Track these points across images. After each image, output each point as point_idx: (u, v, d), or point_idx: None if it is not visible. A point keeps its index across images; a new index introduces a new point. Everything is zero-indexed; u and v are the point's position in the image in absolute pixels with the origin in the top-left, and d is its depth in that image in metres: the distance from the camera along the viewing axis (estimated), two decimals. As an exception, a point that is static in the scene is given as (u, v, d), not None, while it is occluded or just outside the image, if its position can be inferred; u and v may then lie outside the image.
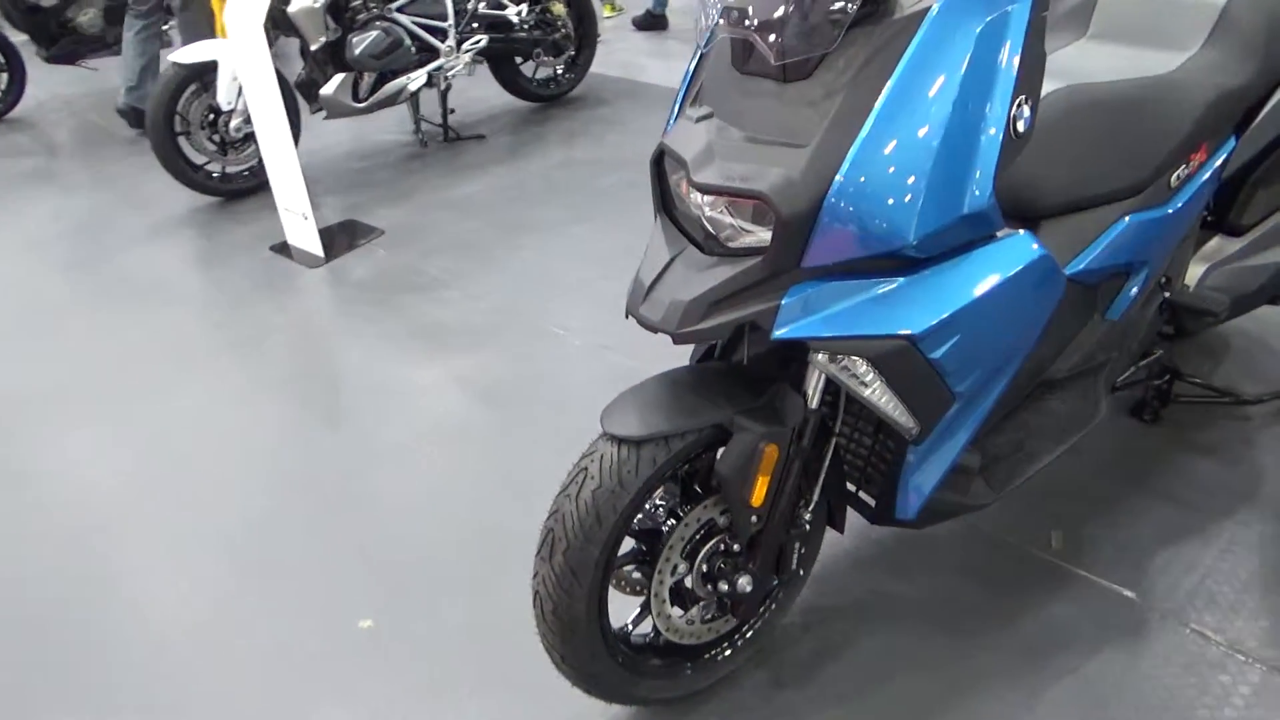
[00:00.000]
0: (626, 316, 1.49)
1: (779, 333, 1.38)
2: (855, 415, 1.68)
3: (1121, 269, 1.80)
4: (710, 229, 1.41)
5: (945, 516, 1.66)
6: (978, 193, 1.32)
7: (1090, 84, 1.76)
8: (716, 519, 1.59)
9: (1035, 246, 1.44)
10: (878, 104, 1.28)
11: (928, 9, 1.28)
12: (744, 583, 1.59)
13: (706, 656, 1.73)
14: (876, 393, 1.43)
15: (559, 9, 4.90)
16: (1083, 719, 1.66)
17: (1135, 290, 1.85)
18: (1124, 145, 1.74)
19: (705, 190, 1.37)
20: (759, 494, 1.52)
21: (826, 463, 1.63)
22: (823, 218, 1.31)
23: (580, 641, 1.52)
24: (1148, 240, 1.80)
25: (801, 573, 1.76)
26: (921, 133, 1.27)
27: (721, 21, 1.36)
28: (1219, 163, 1.90)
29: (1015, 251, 1.43)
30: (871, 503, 1.72)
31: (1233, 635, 1.78)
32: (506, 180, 4.27)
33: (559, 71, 5.13)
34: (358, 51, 4.13)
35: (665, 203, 1.53)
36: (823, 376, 1.49)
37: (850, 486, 1.73)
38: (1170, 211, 1.82)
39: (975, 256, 1.40)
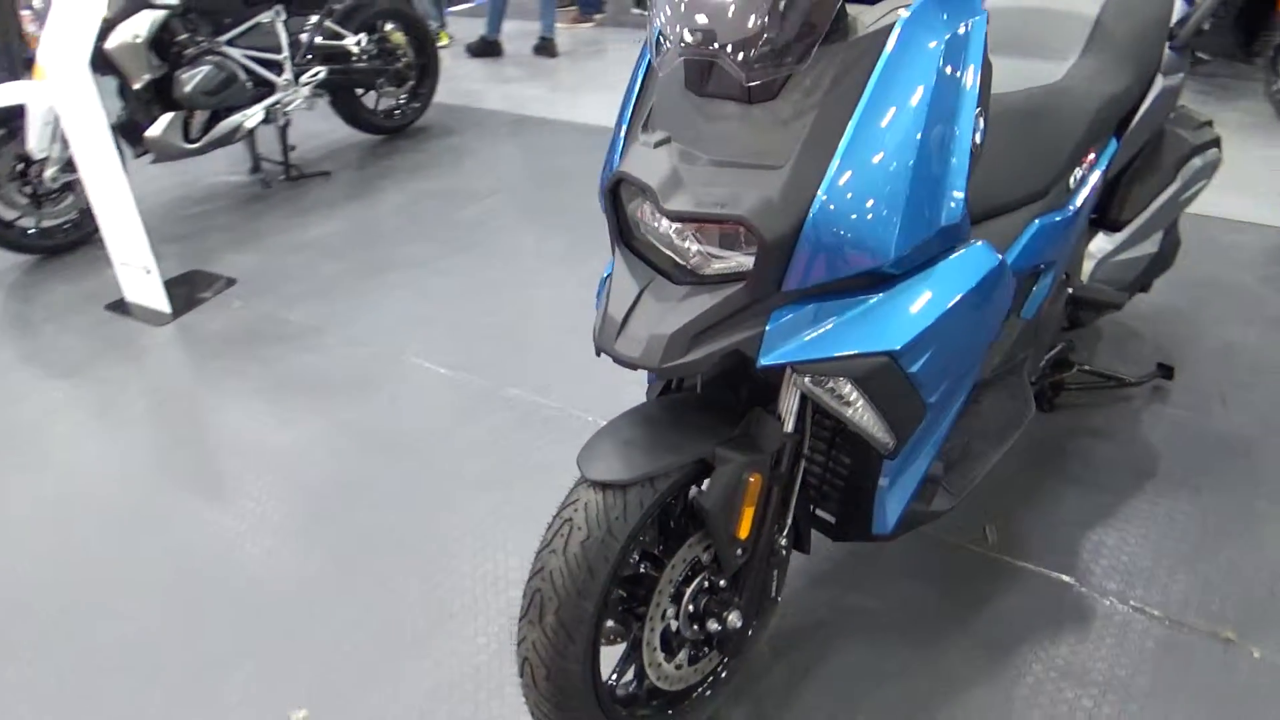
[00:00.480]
0: (598, 354, 1.41)
1: (765, 360, 1.35)
2: (815, 435, 1.67)
3: (1034, 269, 1.87)
4: (678, 258, 1.37)
5: (914, 526, 1.68)
6: (953, 206, 1.33)
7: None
8: (700, 556, 1.54)
9: (993, 253, 1.47)
10: (852, 122, 1.27)
11: (890, 26, 1.28)
12: (734, 619, 1.54)
13: (692, 698, 1.67)
14: (858, 411, 1.42)
15: (398, 37, 4.73)
16: (1057, 708, 1.70)
17: (1046, 288, 1.93)
18: (1028, 152, 1.82)
19: (677, 218, 1.32)
20: (745, 526, 1.48)
21: (797, 485, 1.60)
22: (804, 240, 1.29)
23: (577, 704, 1.43)
24: (1055, 240, 1.89)
25: (779, 599, 1.73)
26: (897, 150, 1.27)
27: (685, 43, 1.31)
28: (1105, 164, 2.02)
29: (977, 260, 1.45)
30: (831, 519, 1.71)
31: (1171, 609, 1.88)
32: (362, 218, 4.06)
33: (402, 101, 4.95)
34: (188, 88, 3.83)
35: (623, 233, 1.46)
36: (798, 398, 1.47)
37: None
38: (1071, 212, 1.91)
39: (943, 268, 1.41)
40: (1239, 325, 2.77)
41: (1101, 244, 2.26)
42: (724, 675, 1.70)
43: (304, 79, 4.31)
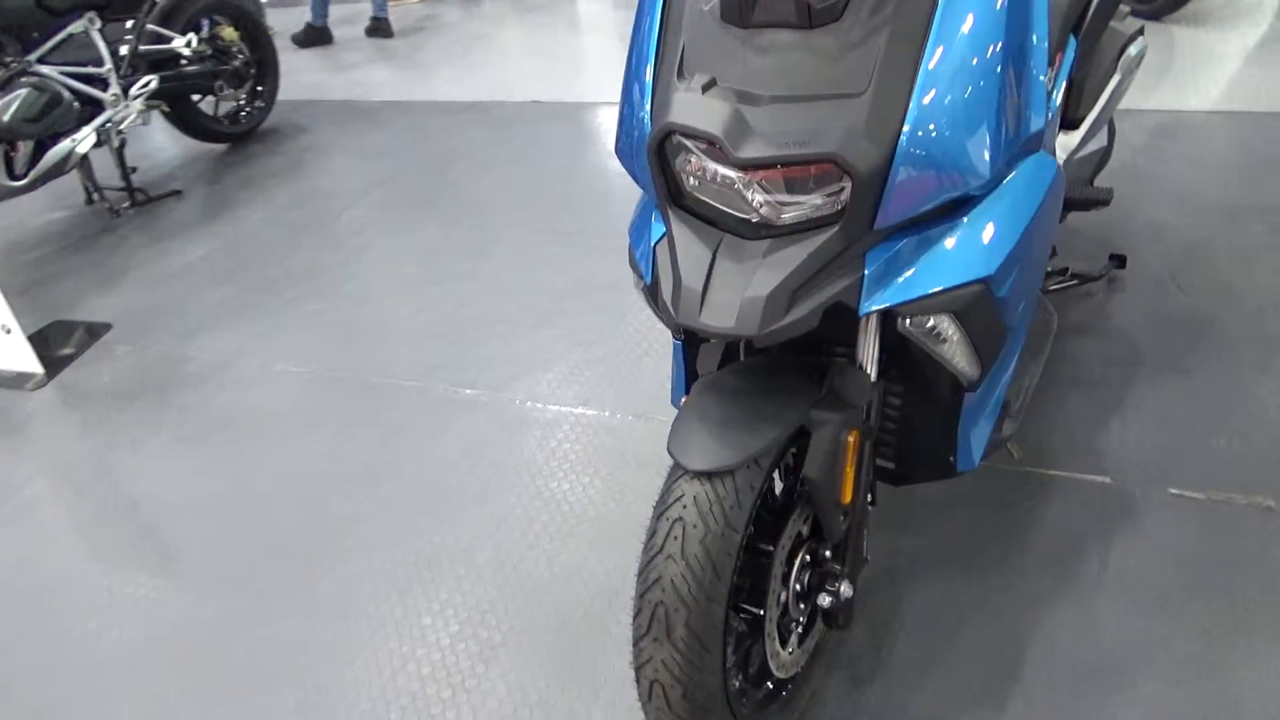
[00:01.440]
0: (677, 334, 1.27)
1: (868, 307, 1.24)
2: (889, 378, 1.57)
3: None
4: (739, 212, 1.23)
5: (989, 456, 1.61)
6: (1039, 111, 1.25)
7: None
8: (801, 529, 1.42)
9: (1053, 160, 1.41)
10: (930, 35, 1.16)
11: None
12: (845, 589, 1.44)
13: (797, 680, 1.56)
14: (951, 347, 1.33)
15: (230, 33, 4.31)
16: (1143, 615, 1.69)
17: None
18: None
19: (752, 166, 1.19)
20: (848, 488, 1.38)
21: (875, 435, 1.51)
22: (896, 170, 1.18)
23: (715, 716, 1.30)
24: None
25: (869, 558, 1.64)
26: (981, 59, 1.18)
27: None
28: (1070, 64, 2.00)
29: (1043, 169, 1.38)
30: (890, 465, 1.64)
31: (1208, 488, 1.91)
32: (233, 234, 3.69)
33: (244, 103, 4.53)
34: (6, 117, 3.35)
35: (673, 193, 1.31)
36: (877, 343, 1.37)
37: None
38: (1053, 114, 1.88)
39: (1016, 181, 1.33)
40: (1160, 208, 2.86)
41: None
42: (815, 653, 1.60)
43: (134, 91, 3.86)
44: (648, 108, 1.32)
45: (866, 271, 1.23)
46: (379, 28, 5.86)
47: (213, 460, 2.44)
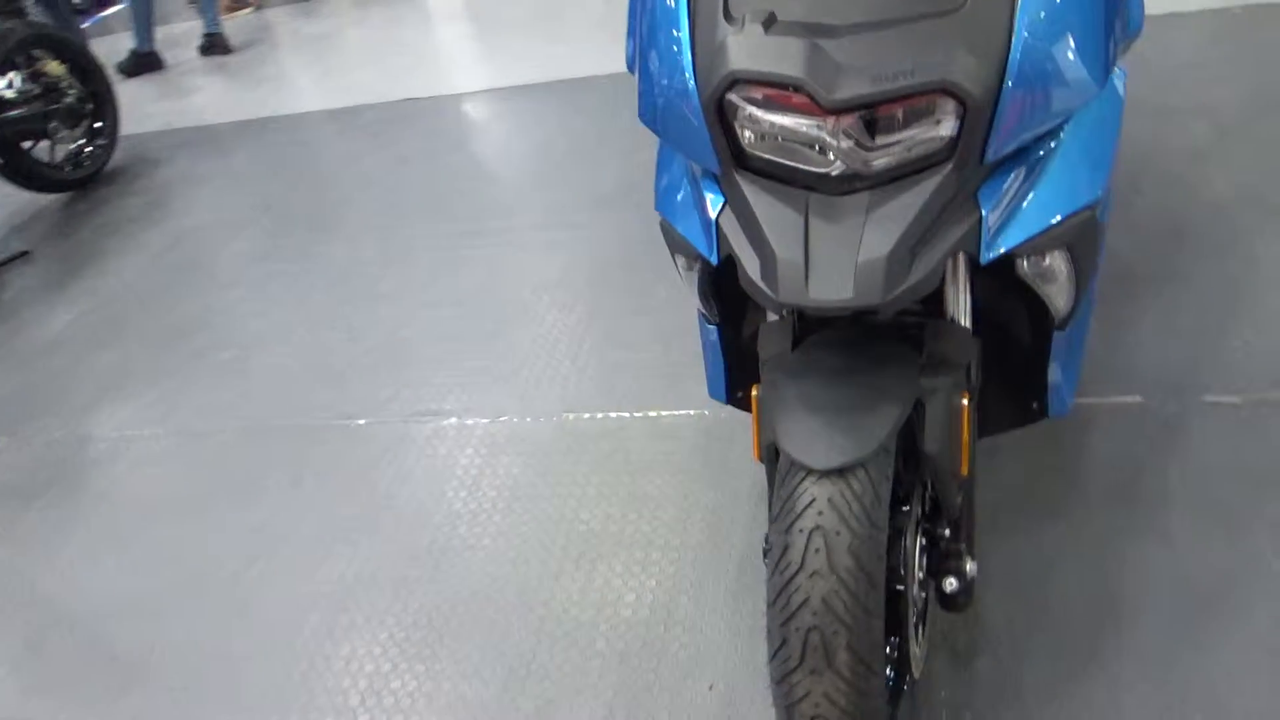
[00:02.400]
0: (780, 309, 1.08)
1: (991, 253, 1.09)
2: None
3: None
4: (817, 167, 1.07)
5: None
6: (1135, 11, 1.12)
7: None
8: (918, 511, 1.27)
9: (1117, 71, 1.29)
10: (1025, -70, 1.01)
11: None
12: (971, 569, 1.30)
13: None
14: (1060, 284, 1.20)
15: (56, 67, 3.82)
16: (1218, 535, 1.62)
17: None
18: None
19: (851, 107, 1.01)
20: (966, 458, 1.23)
21: None
22: (1009, 92, 1.03)
23: (883, 746, 1.14)
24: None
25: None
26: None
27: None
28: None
29: (1115, 82, 1.26)
30: None
31: (1242, 390, 1.86)
32: (106, 288, 3.27)
33: (83, 143, 4.03)
34: None
35: (736, 153, 1.12)
36: (969, 293, 1.23)
37: None
38: None
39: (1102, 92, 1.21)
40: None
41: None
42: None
43: (-48, 146, 3.36)
44: (688, 58, 1.12)
45: (984, 213, 1.08)
46: (214, 44, 5.38)
47: (142, 550, 2.11)
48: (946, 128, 1.04)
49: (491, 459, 2.13)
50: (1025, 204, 1.11)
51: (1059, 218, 1.12)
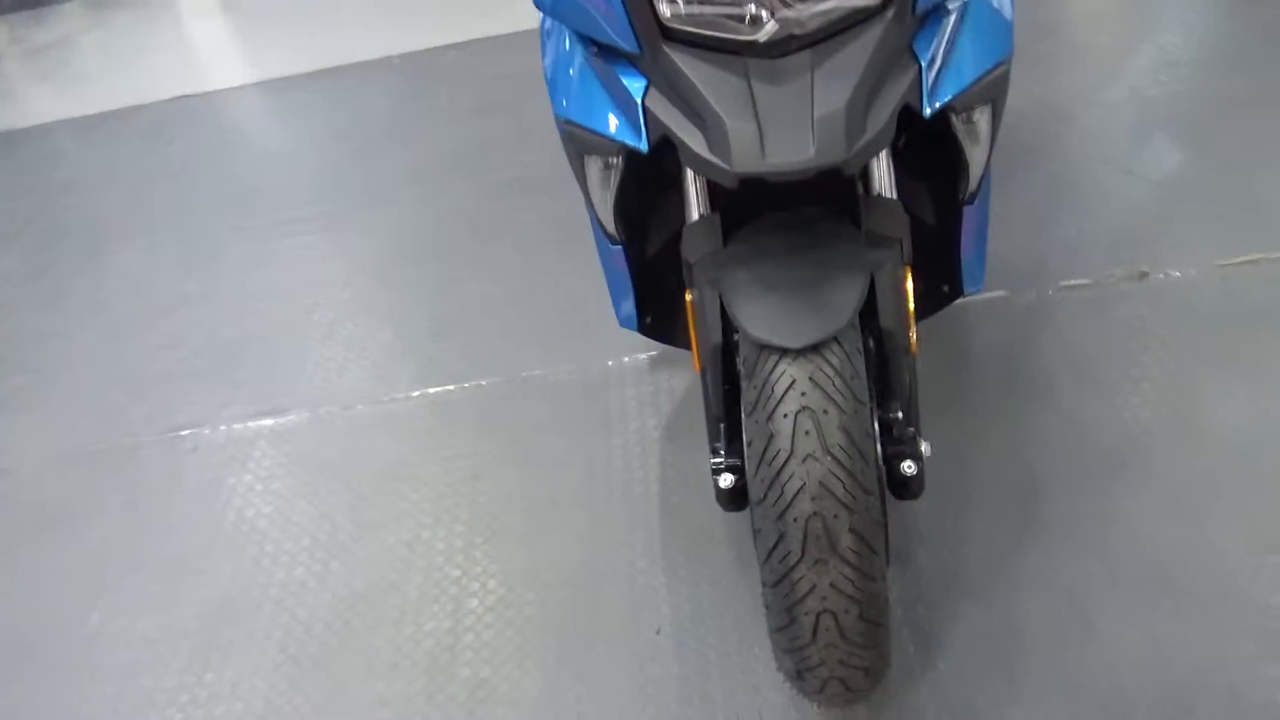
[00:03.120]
0: (736, 181, 1.01)
1: (933, 105, 1.06)
2: None
3: None
4: (742, 34, 1.01)
5: None
6: None
7: None
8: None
9: None
10: None
11: None
12: (925, 449, 1.27)
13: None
14: (982, 144, 1.20)
15: None
16: (1087, 394, 1.70)
17: None
18: None
19: None
20: (914, 332, 1.21)
21: None
22: (935, -68, 1.00)
23: (885, 632, 1.08)
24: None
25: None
26: None
27: None
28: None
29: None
30: None
31: (1088, 269, 1.97)
32: None
33: None
34: None
35: (661, 26, 1.04)
36: (891, 166, 1.20)
37: None
38: None
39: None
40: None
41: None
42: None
43: None
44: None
45: (923, 64, 1.05)
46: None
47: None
48: None
49: (360, 446, 1.93)
50: (955, 58, 1.10)
51: (987, 69, 1.11)
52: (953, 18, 1.10)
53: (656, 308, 1.51)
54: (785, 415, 1.01)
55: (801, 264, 1.09)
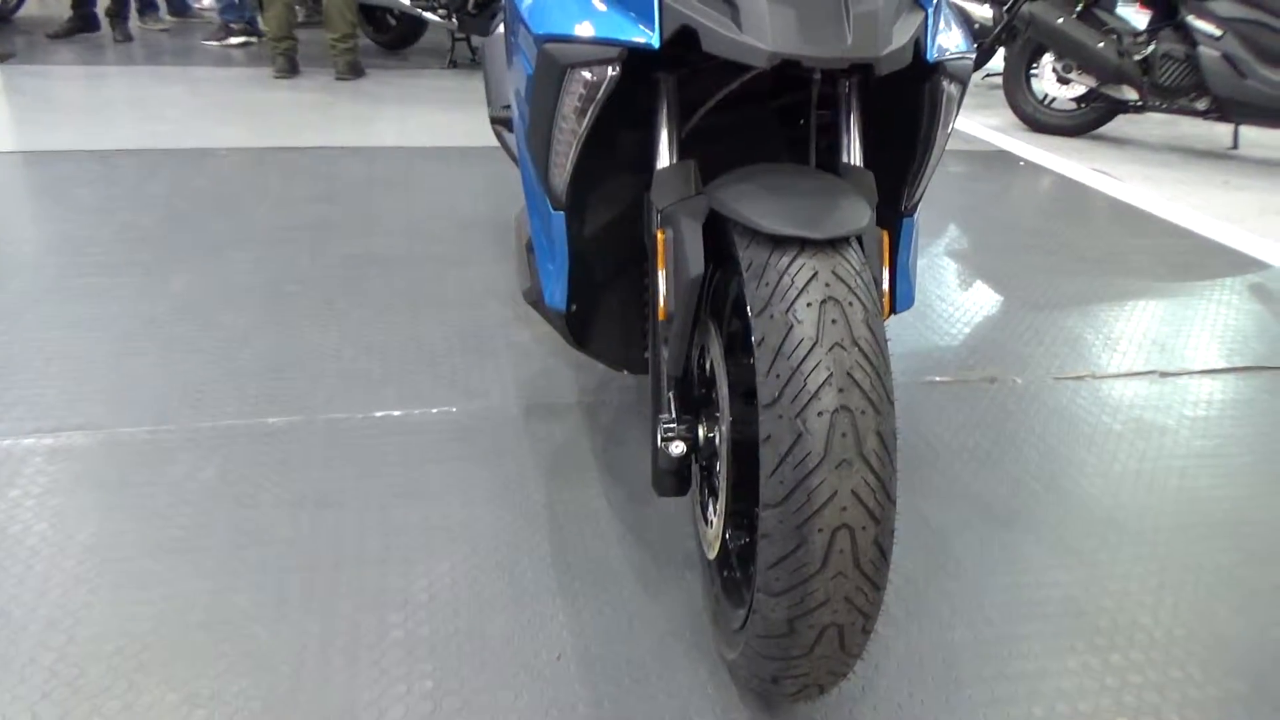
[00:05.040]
0: (769, 61, 0.97)
1: (933, 55, 1.11)
2: None
3: None
4: None
5: None
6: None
7: None
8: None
9: None
10: None
11: None
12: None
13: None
14: (946, 133, 1.25)
15: None
16: (979, 473, 1.74)
17: None
18: None
19: None
20: (887, 300, 1.18)
21: None
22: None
23: (888, 564, 0.97)
24: None
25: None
26: None
27: None
28: None
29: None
30: None
31: (950, 370, 2.07)
32: None
33: None
34: None
35: None
36: (860, 137, 1.22)
37: None
38: None
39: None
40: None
41: None
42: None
43: None
44: None
45: (929, 10, 1.09)
46: None
47: None
48: None
49: (170, 468, 1.60)
50: (945, 26, 1.16)
51: (967, 48, 1.18)
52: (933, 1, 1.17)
53: (584, 296, 1.41)
54: (809, 304, 0.92)
55: (804, 182, 1.05)
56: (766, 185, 1.04)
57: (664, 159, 1.19)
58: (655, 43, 1.05)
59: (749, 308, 0.97)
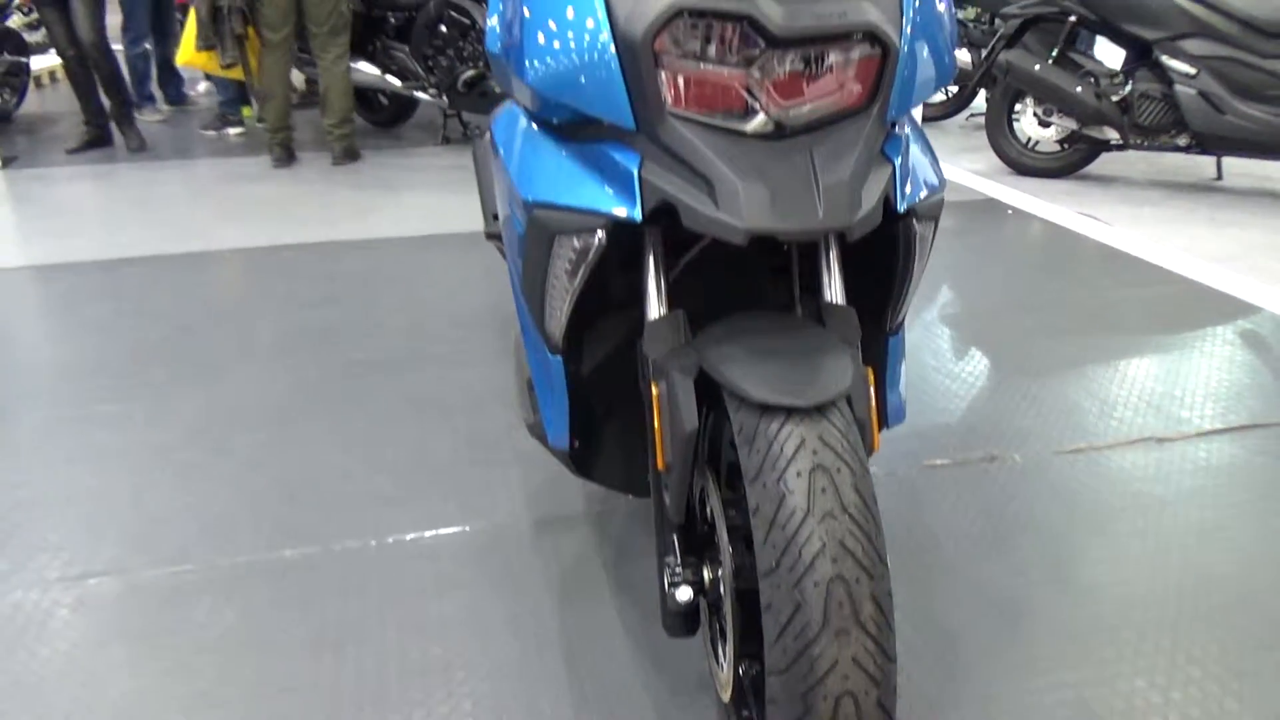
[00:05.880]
0: (746, 238, 1.02)
1: (904, 204, 1.15)
2: None
3: None
4: (733, 123, 1.09)
5: None
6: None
7: None
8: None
9: None
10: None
11: None
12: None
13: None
14: (922, 265, 1.30)
15: None
16: (988, 561, 1.77)
17: None
18: None
19: (795, 38, 1.04)
20: (878, 435, 1.22)
21: None
22: (905, 54, 1.13)
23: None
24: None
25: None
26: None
27: None
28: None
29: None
30: None
31: (950, 452, 2.11)
32: None
33: None
34: None
35: (653, 110, 1.08)
36: (840, 275, 1.26)
37: None
38: None
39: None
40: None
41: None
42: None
43: None
44: (603, 14, 1.08)
45: (896, 162, 1.14)
46: None
47: None
48: (860, 82, 1.10)
49: (187, 612, 1.64)
50: (914, 171, 1.21)
51: (938, 186, 1.23)
52: (903, 144, 1.22)
53: (585, 432, 1.45)
54: (798, 474, 0.97)
55: (788, 340, 1.10)
56: (752, 347, 1.08)
57: (653, 310, 1.23)
58: (638, 216, 1.10)
59: (743, 472, 1.01)
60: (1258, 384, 2.44)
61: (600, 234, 1.14)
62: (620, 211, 1.11)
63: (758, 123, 1.08)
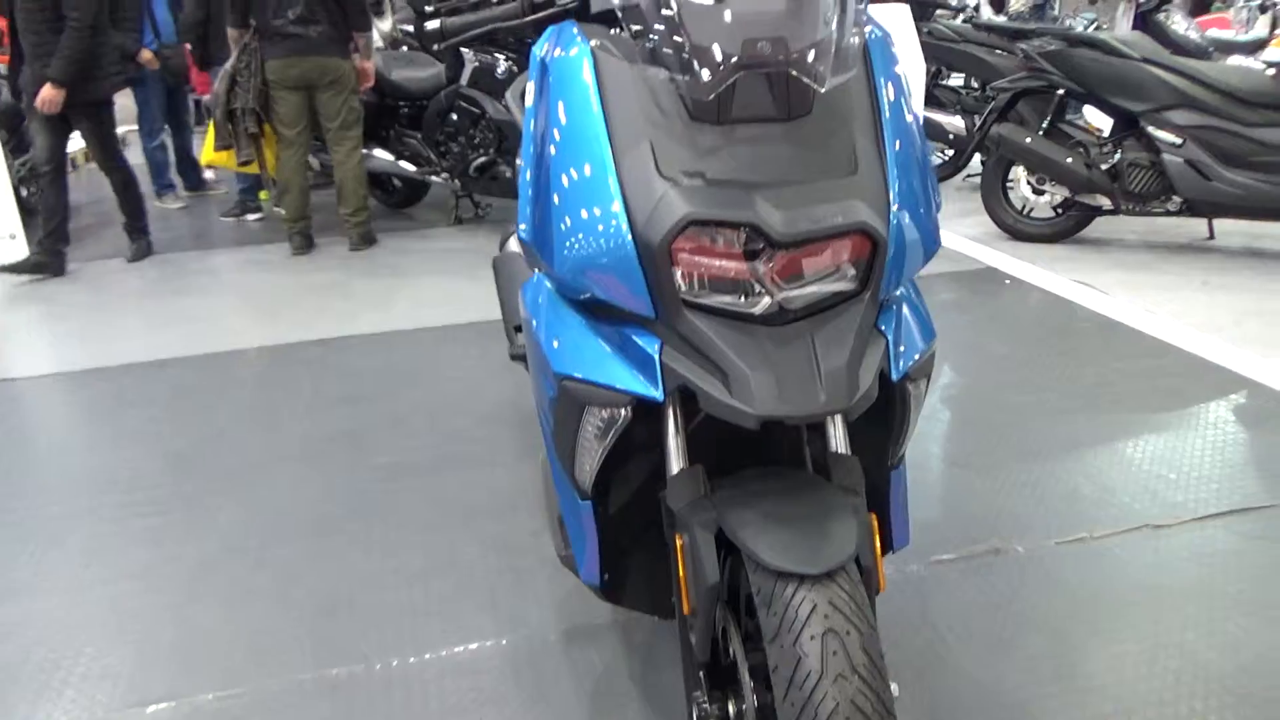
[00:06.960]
0: (757, 424, 1.14)
1: (899, 373, 1.27)
2: None
3: None
4: (740, 307, 1.21)
5: None
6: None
7: None
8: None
9: None
10: (884, 122, 1.30)
11: (864, 36, 1.35)
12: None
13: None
14: (917, 414, 1.41)
15: None
16: (996, 660, 1.86)
17: None
18: None
19: (796, 241, 1.17)
20: (883, 577, 1.33)
21: None
22: (894, 240, 1.26)
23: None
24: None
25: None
26: (921, 151, 1.34)
27: (746, 57, 1.17)
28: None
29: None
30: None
31: (956, 546, 2.20)
32: None
33: None
34: None
35: (669, 301, 1.21)
36: (845, 426, 1.38)
37: None
38: None
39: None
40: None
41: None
42: None
43: None
44: (619, 209, 1.21)
45: (889, 338, 1.26)
46: None
47: None
48: (855, 267, 1.23)
49: (249, 736, 1.74)
50: (905, 337, 1.33)
51: (927, 346, 1.35)
52: (894, 312, 1.34)
53: (615, 567, 1.56)
54: (812, 638, 1.08)
55: (797, 503, 1.22)
56: (766, 512, 1.20)
57: (674, 465, 1.35)
58: (660, 396, 1.22)
59: (763, 632, 1.12)
60: (1250, 462, 2.54)
61: (626, 408, 1.26)
62: (642, 391, 1.23)
63: (763, 305, 1.20)
